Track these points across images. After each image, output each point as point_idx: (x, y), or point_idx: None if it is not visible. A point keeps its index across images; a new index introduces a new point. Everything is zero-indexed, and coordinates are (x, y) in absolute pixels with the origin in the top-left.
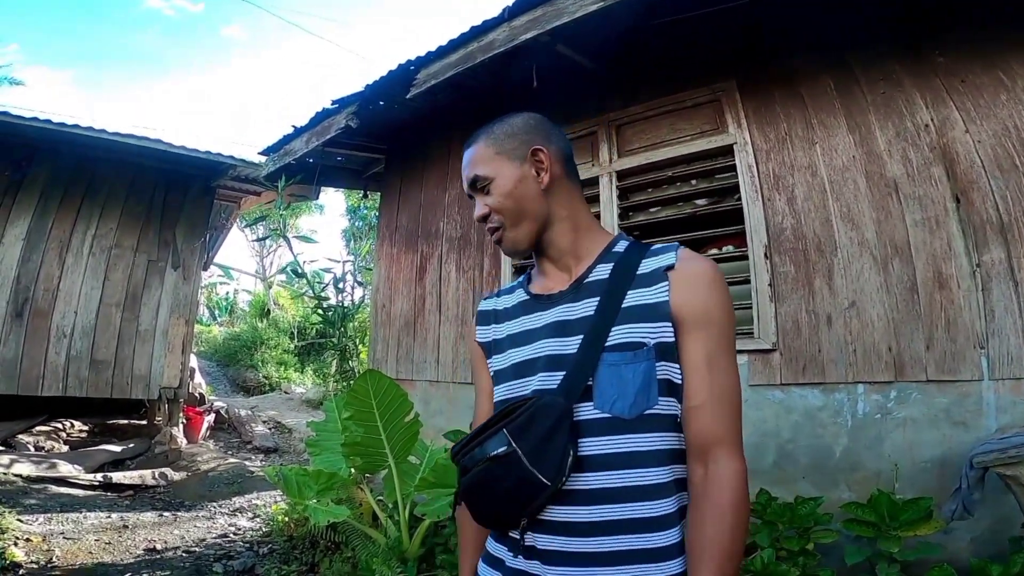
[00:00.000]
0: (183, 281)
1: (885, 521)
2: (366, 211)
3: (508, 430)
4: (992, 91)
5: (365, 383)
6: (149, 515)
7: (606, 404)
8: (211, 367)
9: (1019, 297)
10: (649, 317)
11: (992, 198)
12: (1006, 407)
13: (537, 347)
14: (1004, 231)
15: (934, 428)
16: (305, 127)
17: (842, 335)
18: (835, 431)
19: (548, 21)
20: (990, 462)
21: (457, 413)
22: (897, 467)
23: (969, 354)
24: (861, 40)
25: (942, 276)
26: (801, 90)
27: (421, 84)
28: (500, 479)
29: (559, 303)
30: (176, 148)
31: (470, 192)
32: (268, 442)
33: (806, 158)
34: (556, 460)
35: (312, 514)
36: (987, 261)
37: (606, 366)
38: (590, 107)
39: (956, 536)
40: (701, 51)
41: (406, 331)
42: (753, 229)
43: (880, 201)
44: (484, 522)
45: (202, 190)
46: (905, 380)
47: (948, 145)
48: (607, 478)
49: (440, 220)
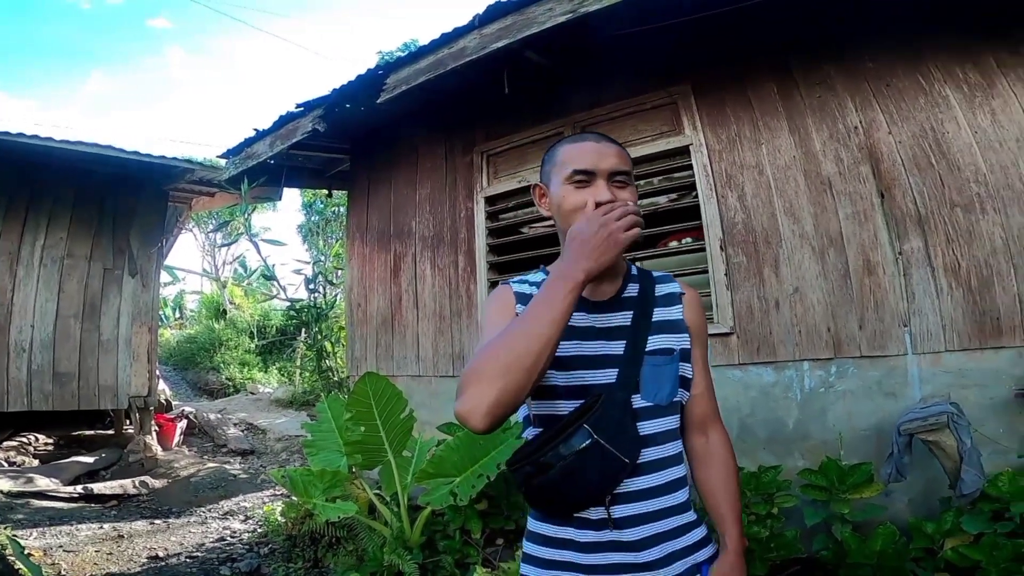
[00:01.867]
0: (142, 288)
1: (835, 485)
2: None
3: (589, 425)
4: (912, 94)
5: (365, 385)
6: (141, 524)
7: (650, 395)
8: (168, 371)
9: (936, 281)
10: (674, 330)
11: (911, 193)
12: (928, 378)
13: (587, 345)
14: (922, 223)
15: (869, 399)
16: (268, 130)
17: (788, 318)
18: (787, 405)
19: (519, 30)
20: (914, 429)
21: (439, 405)
22: (841, 436)
23: (895, 332)
24: (801, 46)
25: (870, 263)
26: (749, 94)
27: (391, 89)
28: (589, 466)
29: (603, 311)
30: (128, 154)
31: (589, 174)
32: (243, 444)
33: (754, 158)
34: (631, 442)
35: (320, 511)
36: (908, 250)
37: (650, 366)
38: (556, 108)
39: (895, 498)
40: (660, 56)
41: (384, 329)
42: (709, 224)
43: (817, 197)
44: (571, 507)
45: (155, 194)
46: (843, 356)
47: (874, 146)
48: (657, 451)
49: (412, 219)
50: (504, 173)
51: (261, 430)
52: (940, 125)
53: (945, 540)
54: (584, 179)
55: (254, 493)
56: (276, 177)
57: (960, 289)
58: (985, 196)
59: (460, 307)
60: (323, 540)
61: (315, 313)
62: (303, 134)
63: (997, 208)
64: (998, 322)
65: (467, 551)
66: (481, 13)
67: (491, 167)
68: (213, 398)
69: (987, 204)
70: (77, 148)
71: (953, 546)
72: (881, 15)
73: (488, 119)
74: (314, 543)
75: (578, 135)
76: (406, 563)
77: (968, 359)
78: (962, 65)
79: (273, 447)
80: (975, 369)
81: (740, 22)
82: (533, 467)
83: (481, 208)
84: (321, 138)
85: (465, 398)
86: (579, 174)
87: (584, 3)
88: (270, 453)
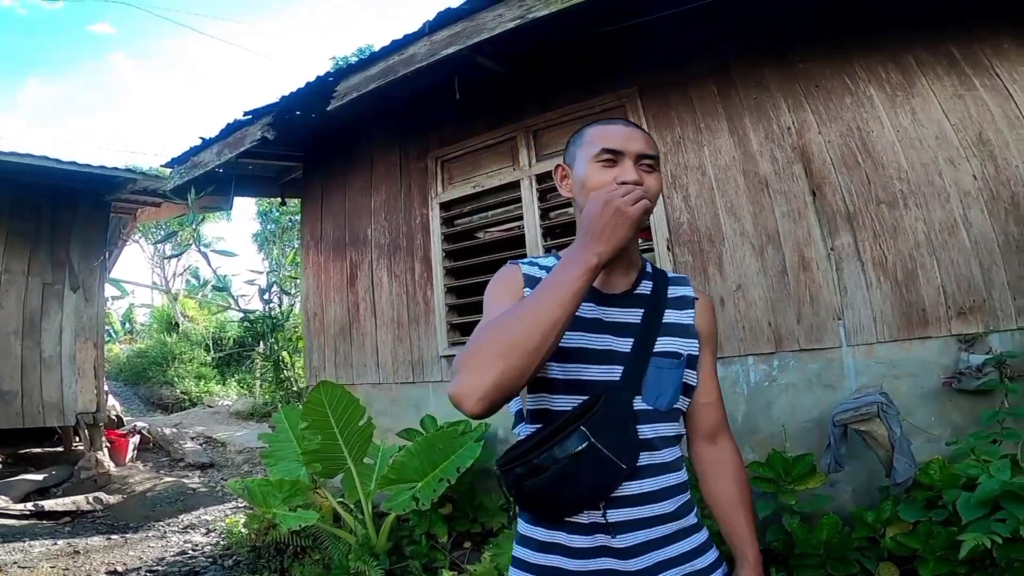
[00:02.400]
0: (85, 303)
1: (782, 477)
2: (278, 215)
3: (588, 427)
4: (839, 94)
5: (320, 394)
6: (97, 539)
7: (651, 399)
8: (118, 387)
9: (866, 275)
10: (684, 334)
11: (840, 191)
12: (862, 369)
13: (596, 339)
14: (851, 219)
15: (809, 391)
16: (215, 138)
17: (733, 314)
18: (736, 399)
19: (468, 37)
20: (847, 420)
21: (400, 412)
22: (784, 428)
23: (830, 325)
24: (739, 47)
25: (805, 259)
26: (692, 95)
27: (341, 96)
28: (584, 471)
29: (615, 305)
30: (66, 164)
31: (617, 154)
32: (202, 457)
33: (697, 159)
34: (630, 447)
35: (281, 521)
36: (839, 245)
37: (654, 368)
38: (509, 113)
39: (840, 487)
40: (609, 60)
41: (342, 337)
42: (656, 225)
43: (755, 196)
44: (563, 511)
45: (95, 205)
46: (784, 350)
47: (805, 145)
48: (655, 456)
49: (367, 227)
50: (458, 178)
51: (220, 443)
52: (866, 124)
53: (886, 528)
54: (611, 158)
55: (215, 506)
56: (225, 186)
57: (888, 282)
58: (907, 192)
59: (418, 313)
60: (288, 550)
61: (270, 324)
62: (251, 142)
63: (919, 204)
64: (924, 313)
65: (434, 555)
66: (431, 20)
67: (445, 172)
68: (168, 412)
69: (910, 200)
70: (11, 160)
71: (893, 535)
72: (811, 15)
73: (442, 125)
74: (279, 553)
75: (608, 119)
76: (373, 569)
77: (899, 350)
78: (884, 65)
79: (234, 459)
80: (906, 359)
81: (684, 24)
82: (525, 469)
83: (436, 214)
84: (272, 146)
85: (460, 379)
86: (607, 153)
87: (532, 9)
88: (231, 465)
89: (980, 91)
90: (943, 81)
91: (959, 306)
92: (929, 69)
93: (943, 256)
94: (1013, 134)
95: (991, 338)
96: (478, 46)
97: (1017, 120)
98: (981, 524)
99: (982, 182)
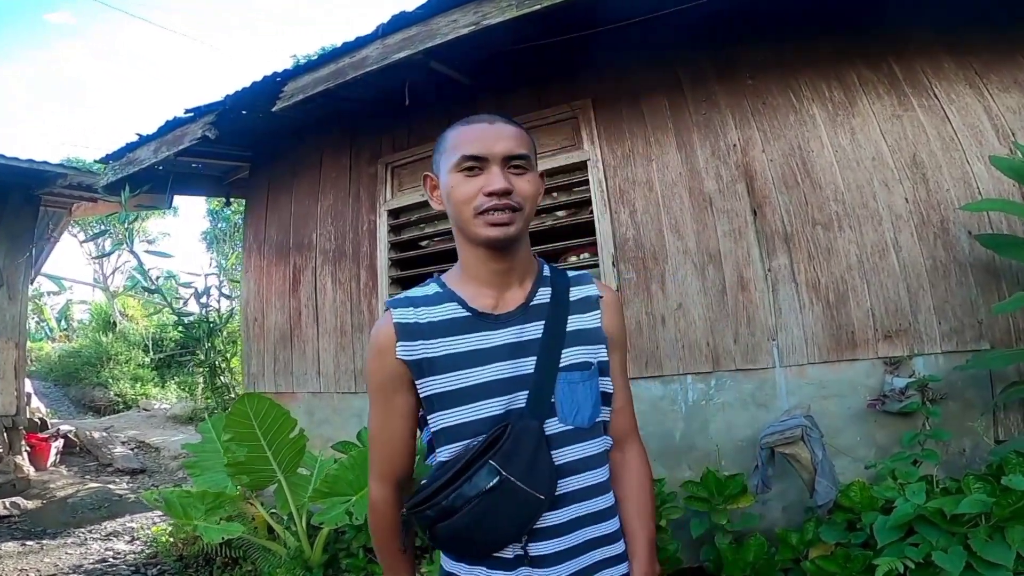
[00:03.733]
0: (8, 301)
1: (715, 496)
2: (230, 213)
3: (496, 461)
4: (784, 112)
5: (244, 406)
6: (11, 545)
7: (568, 417)
8: (47, 387)
9: (800, 297)
10: (591, 340)
11: (780, 211)
12: (794, 389)
13: (494, 369)
14: (788, 240)
15: (744, 410)
16: (153, 135)
17: (674, 333)
18: (674, 417)
19: (422, 41)
20: (773, 443)
21: (342, 422)
22: (718, 447)
23: (764, 345)
24: (691, 61)
25: (744, 279)
26: (643, 108)
27: (288, 98)
28: (500, 507)
29: (509, 324)
30: None
31: (481, 160)
32: (132, 463)
33: (645, 174)
34: (546, 475)
35: (204, 533)
36: (776, 266)
37: (565, 384)
38: (462, 120)
39: (771, 507)
40: (564, 69)
41: (283, 344)
42: (603, 240)
43: (699, 214)
44: (483, 550)
45: (24, 199)
46: (721, 370)
47: (749, 164)
48: (578, 480)
49: (313, 232)
50: (408, 186)
51: (154, 448)
52: (807, 144)
53: (809, 550)
54: (475, 165)
55: (143, 513)
56: (165, 184)
57: (820, 304)
58: (843, 214)
59: (362, 322)
60: (217, 561)
61: (207, 328)
62: (192, 140)
63: (852, 226)
64: (853, 335)
65: (372, 569)
66: (385, 23)
67: (395, 179)
68: (100, 415)
69: (844, 222)
70: None
71: (814, 557)
72: (764, 29)
73: (394, 129)
74: (208, 564)
75: (471, 117)
76: None
77: (828, 371)
78: (828, 82)
79: (168, 465)
80: (834, 380)
81: (638, 36)
82: (435, 511)
83: (384, 221)
84: (217, 144)
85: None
86: (468, 160)
87: (486, 16)
88: (164, 472)
89: (917, 112)
90: (883, 100)
91: (886, 329)
92: (871, 88)
93: (873, 279)
94: (946, 156)
95: (915, 361)
96: (431, 51)
97: (951, 142)
98: (896, 548)
99: (913, 205)
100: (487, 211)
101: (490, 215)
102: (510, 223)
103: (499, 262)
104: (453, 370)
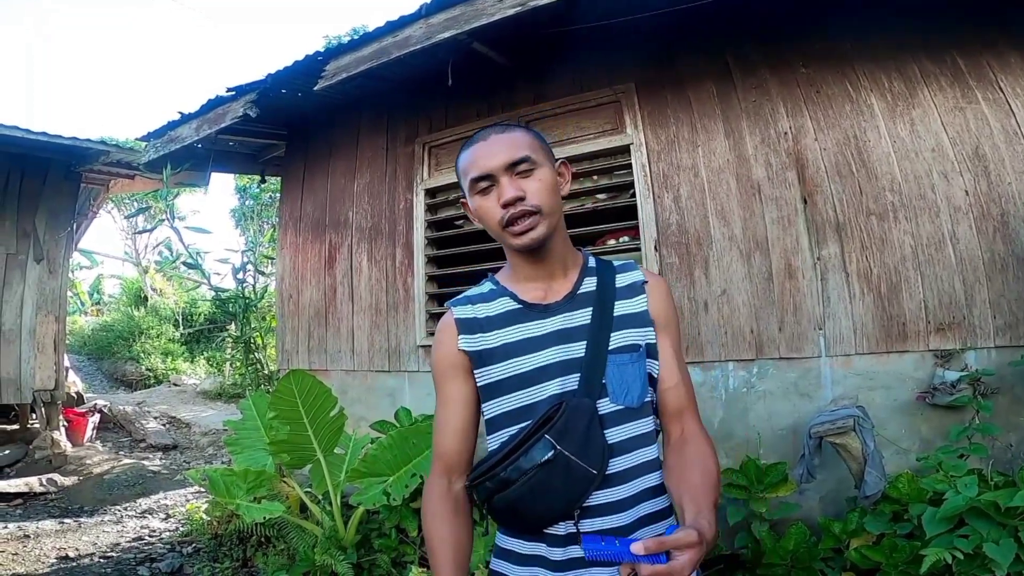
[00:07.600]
0: (49, 275)
1: (754, 484)
2: (259, 191)
3: (551, 436)
4: (840, 101)
5: (289, 383)
6: (49, 523)
7: (619, 398)
8: (81, 361)
9: (849, 286)
10: (638, 324)
11: (832, 200)
12: (839, 380)
13: (546, 355)
14: (839, 230)
15: (786, 400)
16: (195, 113)
17: (716, 319)
18: (713, 404)
19: (467, 21)
20: (823, 432)
21: (375, 400)
22: (759, 435)
23: (811, 334)
24: (741, 48)
25: (791, 267)
26: (689, 94)
27: (330, 77)
28: (554, 480)
29: (557, 313)
30: (36, 135)
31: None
32: (164, 439)
33: (690, 160)
34: (598, 452)
35: (245, 512)
36: (825, 255)
37: (615, 366)
38: (501, 102)
39: (809, 496)
40: (607, 53)
41: (317, 321)
42: (645, 224)
43: (746, 201)
44: (536, 524)
45: (64, 175)
46: (764, 358)
47: (800, 152)
48: (630, 459)
49: (349, 209)
50: (446, 166)
51: (185, 424)
52: (863, 133)
53: (851, 540)
54: (486, 184)
55: (176, 490)
56: (203, 162)
57: (871, 294)
58: (899, 205)
59: (397, 301)
60: (252, 539)
61: (243, 304)
62: (233, 119)
63: (909, 217)
64: (904, 327)
65: (404, 549)
66: (429, 2)
67: (432, 159)
68: (132, 390)
69: (900, 213)
70: None
71: (857, 546)
72: (818, 19)
73: (432, 110)
74: (242, 542)
75: (472, 138)
76: (339, 563)
77: (876, 362)
78: (888, 73)
79: (199, 442)
80: (882, 372)
81: (687, 22)
82: (493, 483)
83: (421, 200)
84: (254, 123)
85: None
86: (478, 182)
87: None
88: (195, 448)
89: (981, 104)
90: (946, 93)
91: (939, 322)
92: (933, 80)
93: (928, 271)
94: (1010, 150)
95: (967, 355)
96: (475, 32)
97: (1015, 136)
98: (944, 539)
99: (973, 198)
100: (510, 222)
101: (514, 226)
102: (533, 227)
103: (538, 260)
104: (509, 358)
